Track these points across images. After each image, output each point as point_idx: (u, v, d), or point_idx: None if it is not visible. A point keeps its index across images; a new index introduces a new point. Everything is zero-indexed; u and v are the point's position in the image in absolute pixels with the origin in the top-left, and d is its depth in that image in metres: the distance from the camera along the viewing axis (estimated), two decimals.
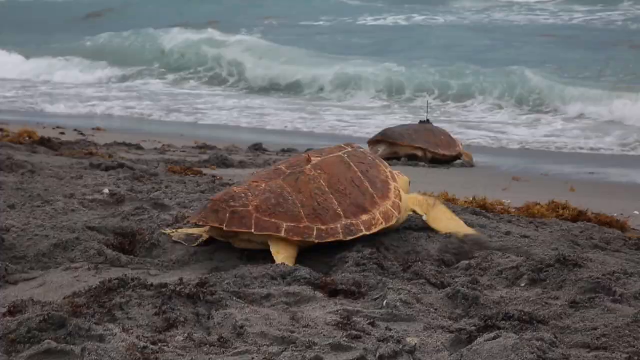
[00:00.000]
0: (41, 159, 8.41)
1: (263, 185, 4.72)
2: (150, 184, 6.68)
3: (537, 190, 8.68)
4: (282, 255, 4.62)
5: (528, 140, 14.68)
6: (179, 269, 4.62)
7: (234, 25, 30.00)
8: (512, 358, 3.26)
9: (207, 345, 3.51)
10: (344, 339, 3.55)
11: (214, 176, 8.09)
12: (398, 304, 4.02)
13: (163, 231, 5.11)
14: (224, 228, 4.60)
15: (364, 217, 4.76)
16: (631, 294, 4.09)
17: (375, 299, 4.15)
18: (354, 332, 3.63)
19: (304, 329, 3.70)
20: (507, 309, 3.95)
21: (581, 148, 14.09)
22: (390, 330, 3.74)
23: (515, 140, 14.74)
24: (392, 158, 10.86)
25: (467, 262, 4.68)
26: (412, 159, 11.02)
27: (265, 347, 3.51)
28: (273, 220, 4.59)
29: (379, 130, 12.15)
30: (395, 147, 11.07)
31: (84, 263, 4.56)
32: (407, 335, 3.68)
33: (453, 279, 4.48)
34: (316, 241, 4.65)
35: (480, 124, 16.71)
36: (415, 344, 3.58)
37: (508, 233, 5.40)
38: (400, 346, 3.50)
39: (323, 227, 4.65)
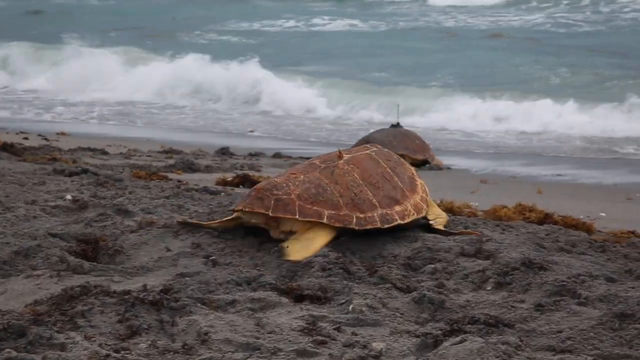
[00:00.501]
0: (3, 164, 8.30)
1: (302, 177, 4.95)
2: (114, 190, 6.61)
3: (505, 193, 8.71)
4: (319, 244, 4.80)
5: (497, 143, 14.76)
6: (142, 275, 4.57)
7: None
8: None
9: (171, 353, 3.47)
10: (310, 344, 3.53)
11: (179, 181, 8.03)
12: (364, 308, 4.00)
13: (179, 220, 5.21)
14: (270, 214, 4.81)
15: (397, 208, 5.03)
16: (596, 297, 4.10)
17: (341, 304, 4.13)
18: (320, 338, 3.61)
19: (269, 334, 3.67)
20: (473, 312, 3.95)
21: (548, 151, 14.21)
22: (356, 335, 3.72)
23: (484, 142, 14.82)
24: None
25: (433, 266, 4.67)
26: None
27: (229, 353, 3.48)
28: (315, 207, 4.81)
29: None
30: None
31: (45, 270, 4.49)
32: (373, 340, 3.66)
33: (419, 283, 4.47)
34: (356, 228, 4.86)
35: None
36: (381, 348, 3.56)
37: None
38: (366, 351, 3.48)
39: (361, 215, 4.88)
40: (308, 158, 11.24)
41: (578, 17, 29.81)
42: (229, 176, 8.59)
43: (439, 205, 6.54)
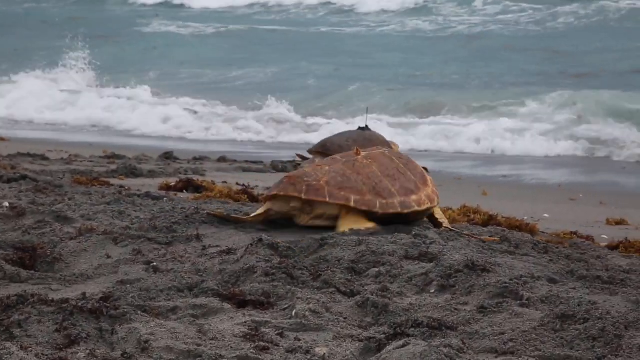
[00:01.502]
0: None
1: (327, 168, 5.48)
2: (53, 196, 6.49)
3: (450, 195, 8.74)
4: (348, 226, 5.33)
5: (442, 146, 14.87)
6: (82, 283, 4.48)
7: None
8: None
9: None
10: (252, 350, 3.48)
11: (121, 187, 7.93)
12: (307, 313, 3.96)
13: (209, 212, 5.56)
14: (303, 197, 5.32)
15: (414, 197, 5.54)
16: (538, 298, 4.12)
17: (284, 309, 4.09)
18: (262, 344, 3.57)
19: (211, 341, 3.61)
20: (417, 315, 3.93)
21: (493, 151, 14.33)
22: (299, 340, 3.68)
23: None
24: None
25: (377, 269, 4.66)
26: None
27: None
28: (342, 192, 5.34)
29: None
30: None
31: None
32: (316, 345, 3.63)
33: (363, 286, 4.45)
34: (380, 211, 5.40)
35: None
36: (324, 353, 3.54)
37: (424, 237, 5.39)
38: (309, 356, 3.45)
39: (384, 201, 5.41)
40: (255, 162, 11.26)
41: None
42: (173, 181, 8.51)
43: None
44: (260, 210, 5.53)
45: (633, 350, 3.53)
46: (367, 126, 11.10)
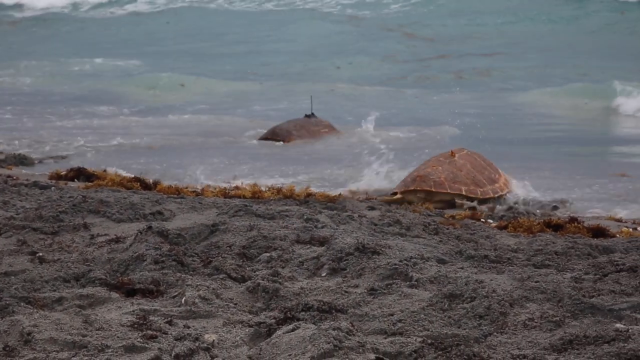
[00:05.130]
0: None
1: (439, 168, 7.52)
2: None
3: None
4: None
5: None
6: None
7: None
8: (309, 349, 3.24)
9: None
10: (139, 339, 3.42)
11: (8, 176, 7.68)
12: (197, 300, 3.92)
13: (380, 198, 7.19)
14: (432, 189, 7.33)
15: (496, 185, 7.58)
16: (427, 278, 4.16)
17: (174, 297, 4.03)
18: (150, 332, 3.51)
19: (97, 331, 3.53)
20: (307, 299, 3.93)
21: None
22: (189, 327, 3.64)
23: None
24: None
25: (268, 254, 4.63)
26: None
27: (54, 353, 3.34)
28: (456, 185, 7.43)
29: None
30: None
31: None
32: (206, 332, 3.59)
33: (254, 272, 4.42)
34: (480, 197, 7.40)
35: None
36: (213, 340, 3.50)
37: (315, 221, 5.39)
38: (197, 343, 3.41)
39: (481, 189, 7.47)
40: None
41: None
42: (63, 170, 8.30)
43: (278, 192, 6.56)
44: (395, 197, 7.34)
45: (517, 326, 3.61)
46: (312, 113, 11.57)
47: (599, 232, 6.06)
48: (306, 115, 11.72)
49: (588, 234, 5.96)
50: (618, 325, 3.51)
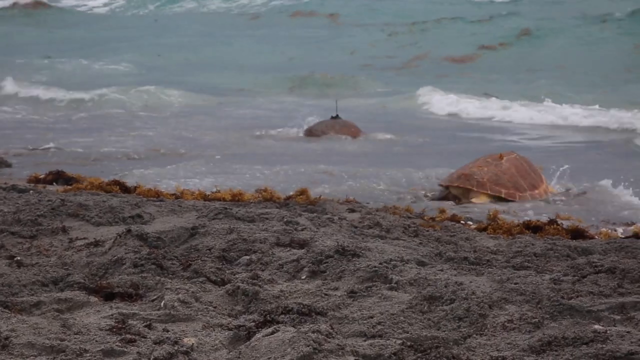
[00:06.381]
0: None
1: (485, 169, 8.32)
2: None
3: None
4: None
5: None
6: None
7: None
8: (289, 352, 3.23)
9: None
10: (117, 343, 3.40)
11: None
12: (176, 303, 3.90)
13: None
14: (474, 189, 8.18)
15: (536, 191, 8.30)
16: (407, 281, 4.17)
17: (153, 300, 4.01)
18: (129, 336, 3.49)
19: (76, 336, 3.51)
20: (287, 302, 3.92)
21: None
22: (168, 331, 3.62)
23: None
24: None
25: (248, 257, 4.63)
26: None
27: (32, 357, 3.32)
28: (497, 187, 8.20)
29: None
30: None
31: None
32: (185, 336, 3.57)
33: (234, 275, 4.41)
34: (517, 200, 8.13)
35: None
36: (193, 344, 3.48)
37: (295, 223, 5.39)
38: (176, 347, 3.39)
39: (520, 194, 8.20)
40: None
41: None
42: (42, 173, 8.26)
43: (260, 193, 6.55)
44: (443, 192, 8.34)
45: (497, 328, 3.61)
46: (337, 115, 13.43)
47: (577, 233, 6.09)
48: (332, 117, 13.64)
49: (567, 236, 5.99)
50: (596, 326, 3.53)
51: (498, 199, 8.22)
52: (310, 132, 13.31)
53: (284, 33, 27.42)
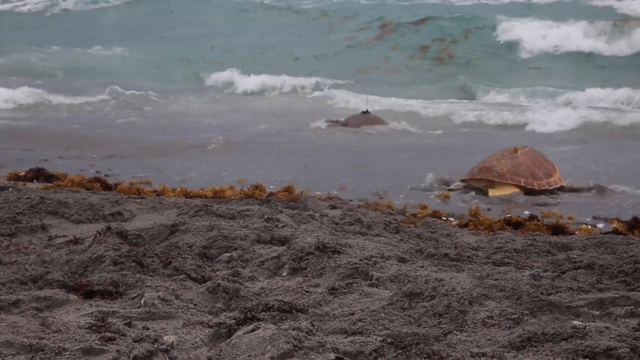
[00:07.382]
0: None
1: (503, 161, 8.76)
2: None
3: None
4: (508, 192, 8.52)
5: None
6: None
7: None
8: (269, 349, 3.22)
9: None
10: (97, 341, 3.38)
11: None
12: (156, 301, 3.88)
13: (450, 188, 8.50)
14: (495, 179, 8.58)
15: (551, 179, 8.71)
16: (387, 277, 4.16)
17: (133, 298, 3.99)
18: (108, 334, 3.47)
19: (55, 334, 3.49)
20: (267, 299, 3.91)
21: None
22: (148, 329, 3.60)
23: None
24: None
25: (229, 254, 4.61)
26: None
27: (10, 356, 3.28)
28: (516, 177, 8.62)
29: None
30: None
31: None
32: (165, 333, 3.56)
33: (214, 272, 4.39)
34: (537, 188, 8.51)
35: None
36: (173, 341, 3.46)
37: (276, 220, 5.38)
38: (156, 345, 3.37)
39: (538, 182, 8.60)
40: None
41: None
42: (22, 170, 8.21)
43: (241, 192, 6.53)
44: (463, 184, 8.72)
45: (477, 324, 3.62)
46: (367, 110, 15.11)
47: (558, 229, 6.11)
48: (362, 112, 14.96)
49: (547, 232, 6.01)
50: (575, 322, 3.54)
51: (518, 188, 8.58)
52: (346, 125, 14.57)
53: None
